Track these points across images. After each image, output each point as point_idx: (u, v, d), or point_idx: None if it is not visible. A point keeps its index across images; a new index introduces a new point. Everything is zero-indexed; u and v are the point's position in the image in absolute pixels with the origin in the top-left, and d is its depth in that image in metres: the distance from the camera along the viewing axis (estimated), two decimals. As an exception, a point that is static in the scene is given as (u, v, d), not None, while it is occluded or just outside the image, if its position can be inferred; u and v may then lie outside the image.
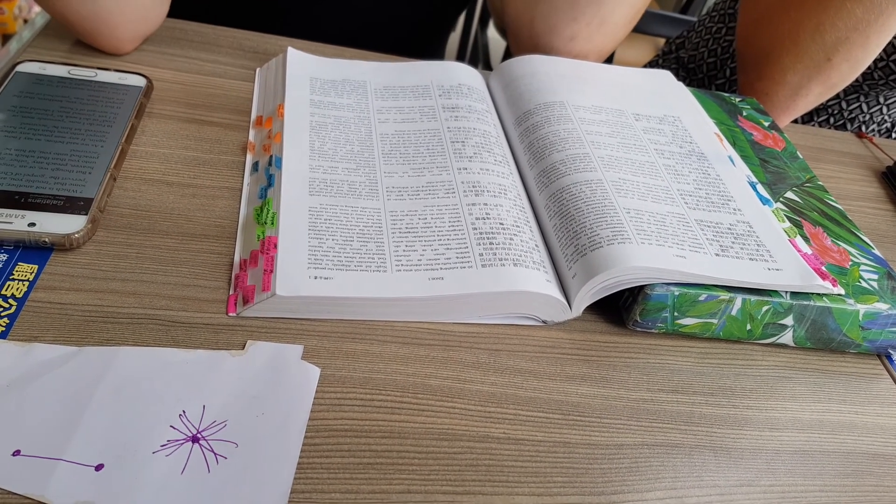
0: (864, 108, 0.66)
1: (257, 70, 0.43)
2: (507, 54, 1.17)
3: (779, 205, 0.38)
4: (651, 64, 0.79)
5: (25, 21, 1.39)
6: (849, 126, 0.68)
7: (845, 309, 0.33)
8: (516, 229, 0.33)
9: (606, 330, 0.33)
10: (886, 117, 0.68)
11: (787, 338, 0.34)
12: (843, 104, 0.67)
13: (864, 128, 0.68)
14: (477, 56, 1.37)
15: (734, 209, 0.36)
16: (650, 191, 0.36)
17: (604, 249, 0.31)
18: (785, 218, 0.37)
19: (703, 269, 0.31)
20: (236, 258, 0.31)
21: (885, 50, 0.60)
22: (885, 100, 0.66)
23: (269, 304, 0.28)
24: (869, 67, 0.61)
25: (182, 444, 0.24)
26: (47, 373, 0.25)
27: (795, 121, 0.66)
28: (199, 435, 0.24)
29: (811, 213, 0.39)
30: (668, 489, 0.27)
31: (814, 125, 0.69)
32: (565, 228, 0.33)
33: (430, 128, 0.39)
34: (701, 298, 0.31)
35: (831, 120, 0.68)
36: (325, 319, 0.30)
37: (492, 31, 1.38)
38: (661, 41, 1.28)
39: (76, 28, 0.39)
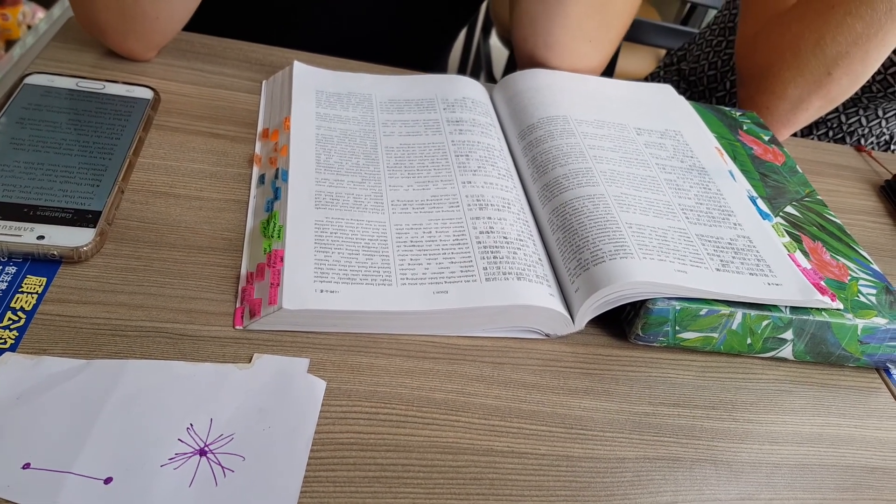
0: (863, 121, 0.67)
1: (263, 82, 0.43)
2: (510, 64, 1.18)
3: (778, 219, 0.39)
4: (652, 76, 0.79)
5: (29, 27, 1.39)
6: (848, 139, 0.68)
7: (844, 323, 0.33)
8: (520, 243, 0.33)
9: (608, 343, 0.33)
10: (885, 130, 0.68)
11: (786, 352, 0.34)
12: (842, 117, 0.67)
13: (862, 141, 0.68)
14: (479, 66, 1.38)
15: (734, 224, 0.37)
16: (652, 205, 0.36)
17: (606, 264, 0.32)
18: (784, 233, 0.37)
19: (704, 284, 0.32)
20: (243, 271, 0.31)
21: (882, 63, 0.61)
22: (884, 113, 0.67)
23: (276, 318, 0.29)
24: (867, 80, 0.61)
25: (190, 457, 0.24)
26: (56, 386, 0.25)
27: (794, 134, 0.67)
28: (206, 448, 0.25)
29: (810, 228, 0.39)
30: (670, 503, 0.27)
31: (813, 138, 0.69)
32: (568, 242, 0.34)
33: (435, 141, 0.39)
34: (702, 313, 0.32)
35: (830, 133, 0.69)
36: (331, 332, 0.30)
37: (494, 41, 1.39)
38: (662, 52, 1.29)
39: (108, 26, 0.39)
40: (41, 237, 0.29)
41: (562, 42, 0.46)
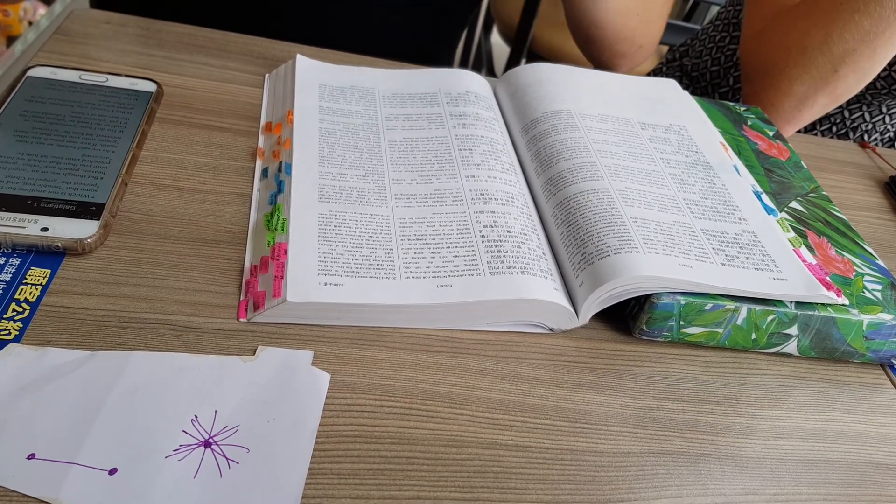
0: (867, 117, 0.67)
1: (266, 76, 0.43)
2: (511, 61, 1.18)
3: (783, 214, 0.39)
4: (655, 71, 0.79)
5: (30, 23, 1.39)
6: (851, 135, 0.68)
7: (849, 319, 0.33)
8: (524, 237, 0.33)
9: (612, 338, 0.33)
10: (889, 126, 0.68)
11: (791, 347, 0.34)
12: (846, 113, 0.67)
13: (866, 137, 0.68)
14: (480, 62, 1.38)
15: (739, 219, 0.37)
16: (656, 200, 0.36)
17: (611, 258, 0.31)
18: (790, 228, 0.37)
19: (709, 279, 0.32)
20: (247, 264, 0.31)
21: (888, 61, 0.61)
22: (888, 109, 0.67)
23: (280, 310, 0.29)
24: (872, 77, 0.61)
25: (194, 448, 0.24)
26: (61, 377, 0.25)
27: (798, 130, 0.67)
28: (211, 440, 0.24)
29: (815, 223, 0.39)
30: (674, 497, 0.27)
31: (816, 134, 0.69)
32: (572, 237, 0.34)
33: (438, 135, 0.39)
34: (707, 308, 0.32)
35: (834, 129, 0.68)
36: (335, 325, 0.30)
37: (495, 37, 1.39)
38: (665, 49, 1.29)
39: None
40: (45, 229, 0.29)
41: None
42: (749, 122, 0.47)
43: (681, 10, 1.48)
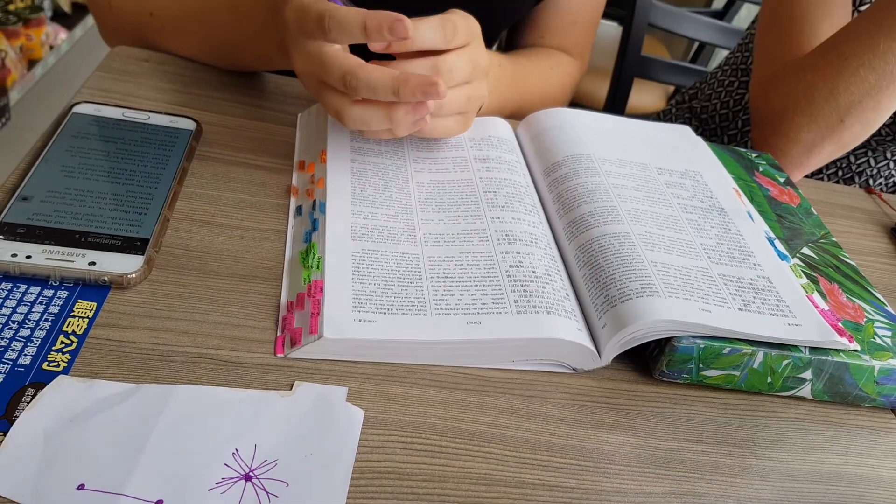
0: (872, 162, 0.69)
1: (299, 115, 0.45)
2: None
3: (796, 260, 0.40)
4: (664, 112, 0.81)
5: (52, 48, 1.42)
6: (857, 179, 0.70)
7: (861, 365, 0.34)
8: (548, 278, 0.34)
9: (633, 379, 0.34)
10: (893, 172, 0.70)
11: (805, 391, 0.35)
12: (851, 158, 0.69)
13: (871, 181, 0.70)
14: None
15: (754, 264, 0.38)
16: (675, 244, 0.38)
17: (633, 301, 0.33)
18: (802, 273, 0.38)
19: (727, 324, 0.33)
20: (283, 300, 0.32)
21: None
22: (892, 155, 0.69)
23: (316, 347, 0.30)
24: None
25: (236, 482, 0.25)
26: (108, 409, 0.26)
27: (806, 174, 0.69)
28: (251, 473, 0.25)
29: (826, 270, 0.40)
30: (696, 538, 0.28)
31: (822, 178, 0.71)
32: (595, 279, 0.35)
33: (464, 178, 0.41)
34: (725, 351, 0.33)
35: (839, 173, 0.70)
36: (367, 362, 0.31)
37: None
38: (671, 88, 1.32)
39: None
40: (93, 263, 0.30)
41: None
42: (760, 169, 0.49)
43: (686, 51, 1.52)
